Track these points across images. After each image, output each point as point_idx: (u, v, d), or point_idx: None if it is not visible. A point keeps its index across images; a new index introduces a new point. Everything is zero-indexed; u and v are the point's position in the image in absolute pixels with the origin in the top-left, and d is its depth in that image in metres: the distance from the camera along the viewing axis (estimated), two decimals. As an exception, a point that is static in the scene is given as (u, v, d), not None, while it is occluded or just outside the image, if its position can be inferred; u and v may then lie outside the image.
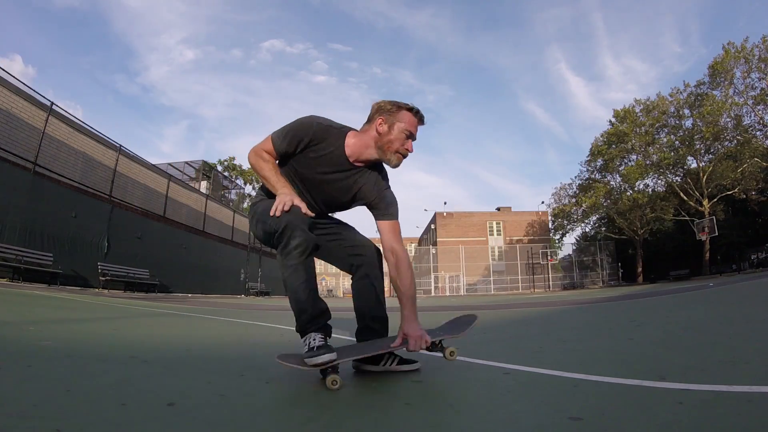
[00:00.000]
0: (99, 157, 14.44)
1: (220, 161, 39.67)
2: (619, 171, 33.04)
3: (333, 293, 43.63)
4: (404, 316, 1.66)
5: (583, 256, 37.75)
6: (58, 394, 1.24)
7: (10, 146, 10.70)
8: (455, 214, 41.01)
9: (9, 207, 10.21)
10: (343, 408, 1.23)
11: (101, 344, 2.45)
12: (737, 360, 1.69)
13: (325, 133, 1.63)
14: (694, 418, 1.01)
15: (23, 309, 4.31)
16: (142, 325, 3.80)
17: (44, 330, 2.80)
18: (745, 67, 26.74)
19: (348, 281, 15.13)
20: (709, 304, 5.10)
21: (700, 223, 26.17)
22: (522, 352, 2.23)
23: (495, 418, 1.11)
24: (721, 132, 27.58)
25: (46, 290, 8.47)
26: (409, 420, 1.10)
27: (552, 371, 1.61)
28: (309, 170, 1.66)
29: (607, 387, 1.35)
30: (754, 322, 2.96)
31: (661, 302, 5.99)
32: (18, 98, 11.46)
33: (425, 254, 40.43)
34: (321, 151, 1.63)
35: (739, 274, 21.56)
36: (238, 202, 34.67)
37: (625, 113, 31.91)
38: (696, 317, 3.72)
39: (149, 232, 15.96)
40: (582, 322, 4.02)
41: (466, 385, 1.54)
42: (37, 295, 6.36)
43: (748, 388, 1.21)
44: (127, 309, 5.52)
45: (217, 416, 1.11)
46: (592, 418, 1.04)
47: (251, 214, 1.74)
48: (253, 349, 2.54)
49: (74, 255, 12.10)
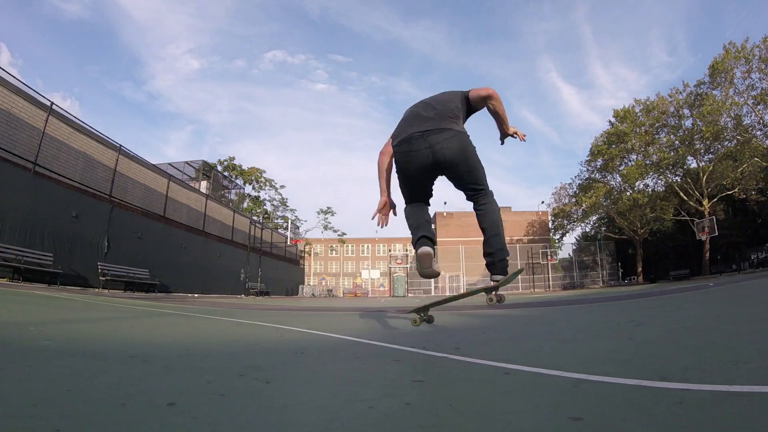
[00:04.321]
0: (99, 157, 14.43)
1: (220, 161, 39.66)
2: (619, 171, 33.05)
3: (333, 293, 43.62)
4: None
5: (583, 256, 37.76)
6: (58, 394, 1.24)
7: (10, 146, 10.70)
8: (455, 214, 41.03)
9: (9, 207, 10.21)
10: (343, 408, 1.23)
11: (101, 344, 2.45)
12: (737, 360, 1.69)
13: None
14: (694, 418, 1.01)
15: (23, 309, 4.31)
16: (142, 325, 3.80)
17: (44, 330, 2.80)
18: (745, 67, 26.73)
19: (347, 282, 15.20)
20: (709, 304, 5.10)
21: (700, 223, 26.16)
22: (522, 352, 2.23)
23: (495, 418, 1.11)
24: (721, 132, 27.58)
25: (46, 290, 8.46)
26: (409, 420, 1.10)
27: (552, 371, 1.61)
28: None
29: (607, 387, 1.35)
30: (754, 322, 2.96)
31: (661, 302, 5.99)
32: (18, 98, 11.46)
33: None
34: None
35: (739, 273, 21.55)
36: (238, 202, 34.66)
37: (625, 113, 31.92)
38: (696, 317, 3.72)
39: (149, 232, 15.96)
40: (582, 322, 4.02)
41: (466, 385, 1.53)
42: (37, 295, 6.35)
43: (748, 388, 1.21)
44: (127, 309, 5.52)
45: (217, 416, 1.10)
46: (592, 418, 1.04)
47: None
48: (253, 349, 2.54)
49: (74, 255, 12.10)
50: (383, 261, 60.45)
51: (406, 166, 2.22)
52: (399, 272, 40.59)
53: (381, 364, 1.97)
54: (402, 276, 39.88)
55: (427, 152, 2.15)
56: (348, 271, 65.34)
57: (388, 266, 47.77)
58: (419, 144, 2.16)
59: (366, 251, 67.26)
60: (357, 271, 62.74)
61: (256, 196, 41.23)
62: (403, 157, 2.21)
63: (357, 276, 60.76)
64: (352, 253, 66.48)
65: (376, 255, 66.27)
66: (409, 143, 2.19)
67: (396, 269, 41.39)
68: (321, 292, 38.82)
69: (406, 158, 2.20)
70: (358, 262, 65.67)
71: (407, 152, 2.18)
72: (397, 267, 41.13)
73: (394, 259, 42.96)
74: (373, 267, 57.06)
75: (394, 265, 42.10)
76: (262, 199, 41.85)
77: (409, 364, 1.98)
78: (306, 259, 45.51)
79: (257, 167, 41.27)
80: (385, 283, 54.53)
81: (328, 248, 61.48)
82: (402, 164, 2.23)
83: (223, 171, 36.43)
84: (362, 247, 66.96)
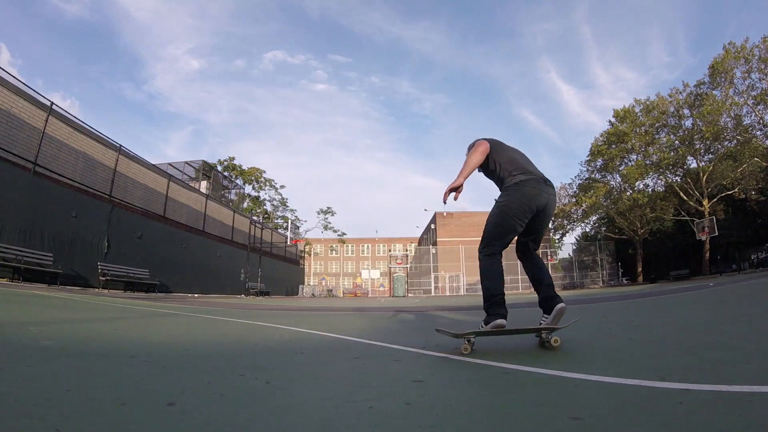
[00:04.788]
0: (99, 157, 14.43)
1: (220, 161, 39.60)
2: (619, 171, 33.04)
3: (333, 293, 43.63)
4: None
5: (583, 256, 37.75)
6: (58, 394, 1.24)
7: (10, 146, 10.70)
8: (455, 214, 41.01)
9: (9, 207, 10.21)
10: (343, 408, 1.23)
11: (101, 344, 2.45)
12: (737, 360, 1.69)
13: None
14: (694, 418, 1.01)
15: (23, 309, 4.31)
16: (142, 325, 3.80)
17: (44, 330, 2.80)
18: (745, 68, 26.73)
19: (347, 282, 15.20)
20: (709, 304, 5.10)
21: (700, 223, 26.15)
22: (522, 352, 2.23)
23: (495, 418, 1.11)
24: (721, 132, 27.57)
25: (46, 290, 8.47)
26: (409, 420, 1.10)
27: (552, 371, 1.61)
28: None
29: (607, 387, 1.35)
30: (754, 322, 2.96)
31: (661, 302, 5.99)
32: (18, 98, 11.45)
33: (425, 254, 40.43)
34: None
35: (739, 273, 21.55)
36: (238, 202, 34.65)
37: (625, 113, 31.92)
38: (696, 317, 3.72)
39: (149, 232, 15.96)
40: (582, 322, 4.02)
41: (466, 385, 1.53)
42: (37, 295, 6.36)
43: (748, 388, 1.21)
44: (127, 309, 5.52)
45: (217, 416, 1.10)
46: (592, 418, 1.04)
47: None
48: (253, 349, 2.54)
49: (74, 255, 12.09)
50: (383, 261, 60.45)
51: (529, 202, 2.32)
52: (399, 272, 40.58)
53: (381, 364, 1.97)
54: (402, 276, 39.86)
55: (548, 198, 2.38)
56: (348, 271, 65.34)
57: (388, 266, 47.76)
58: (547, 188, 2.40)
59: (366, 251, 67.28)
60: (357, 271, 62.72)
61: (256, 196, 41.23)
62: (534, 191, 2.33)
63: (357, 276, 60.74)
64: (352, 253, 66.49)
65: (376, 255, 66.28)
66: (544, 183, 2.39)
67: (396, 269, 41.39)
68: (321, 292, 38.82)
69: (537, 193, 2.33)
70: (358, 262, 65.68)
71: (540, 189, 2.35)
72: (397, 267, 41.11)
73: (394, 259, 42.92)
74: (373, 267, 57.01)
75: (394, 265, 42.08)
76: (262, 199, 41.87)
77: (409, 364, 1.98)
78: (306, 259, 45.50)
79: (257, 167, 41.28)
80: (385, 283, 54.53)
81: (328, 248, 61.49)
82: (527, 200, 2.32)
83: (223, 171, 36.42)
84: (362, 247, 66.98)
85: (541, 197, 2.35)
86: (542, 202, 2.35)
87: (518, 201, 2.31)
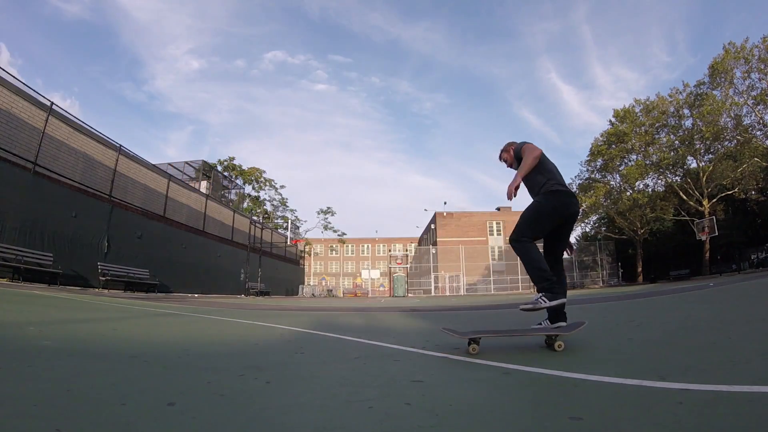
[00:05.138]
0: (99, 157, 14.43)
1: (220, 161, 39.59)
2: (619, 171, 33.03)
3: (333, 293, 43.63)
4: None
5: (583, 256, 37.72)
6: (58, 394, 1.24)
7: (10, 146, 10.70)
8: (455, 214, 41.02)
9: (9, 207, 10.21)
10: (343, 408, 1.23)
11: (101, 344, 2.45)
12: (737, 360, 1.69)
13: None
14: (694, 418, 1.01)
15: (23, 309, 4.31)
16: (142, 325, 3.80)
17: (44, 330, 2.80)
18: (745, 68, 26.72)
19: (347, 282, 15.22)
20: (709, 304, 5.10)
21: (700, 223, 26.14)
22: (522, 352, 2.23)
23: (495, 418, 1.11)
24: (721, 132, 27.56)
25: (46, 290, 8.47)
26: (409, 420, 1.10)
27: (552, 371, 1.61)
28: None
29: (607, 387, 1.35)
30: (754, 322, 2.96)
31: (661, 302, 5.99)
32: (18, 98, 11.46)
33: (425, 254, 40.42)
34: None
35: (739, 273, 21.55)
36: (238, 202, 34.65)
37: (625, 113, 31.91)
38: (696, 317, 3.72)
39: (149, 232, 15.96)
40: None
41: (466, 385, 1.53)
42: (37, 295, 6.36)
43: (748, 388, 1.21)
44: (127, 309, 5.52)
45: (217, 416, 1.11)
46: (592, 418, 1.04)
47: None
48: (253, 349, 2.54)
49: (74, 255, 12.09)
50: (383, 261, 60.44)
51: (563, 209, 2.69)
52: (399, 272, 40.59)
53: (381, 364, 1.97)
54: (402, 276, 39.87)
55: (576, 207, 2.79)
56: (348, 271, 65.32)
57: (388, 266, 47.76)
58: (576, 200, 2.81)
59: (366, 251, 67.25)
60: (357, 271, 62.69)
61: (256, 196, 41.23)
62: (568, 201, 2.71)
63: (357, 276, 60.71)
64: (352, 253, 66.47)
65: (376, 255, 66.26)
66: (574, 196, 2.81)
67: (396, 269, 41.40)
68: (321, 292, 38.81)
69: (570, 203, 2.72)
70: (358, 262, 65.66)
71: (572, 199, 2.75)
72: (397, 267, 41.12)
73: (394, 259, 42.93)
74: (373, 267, 56.99)
75: (394, 265, 42.09)
76: (262, 199, 41.86)
77: (409, 364, 1.98)
78: (306, 259, 45.49)
79: (257, 167, 41.26)
80: (385, 283, 54.51)
81: (328, 248, 61.50)
82: (562, 207, 2.69)
83: (223, 171, 36.41)
84: (362, 247, 66.96)
85: (573, 207, 2.75)
86: (573, 210, 2.76)
87: (553, 206, 2.67)
